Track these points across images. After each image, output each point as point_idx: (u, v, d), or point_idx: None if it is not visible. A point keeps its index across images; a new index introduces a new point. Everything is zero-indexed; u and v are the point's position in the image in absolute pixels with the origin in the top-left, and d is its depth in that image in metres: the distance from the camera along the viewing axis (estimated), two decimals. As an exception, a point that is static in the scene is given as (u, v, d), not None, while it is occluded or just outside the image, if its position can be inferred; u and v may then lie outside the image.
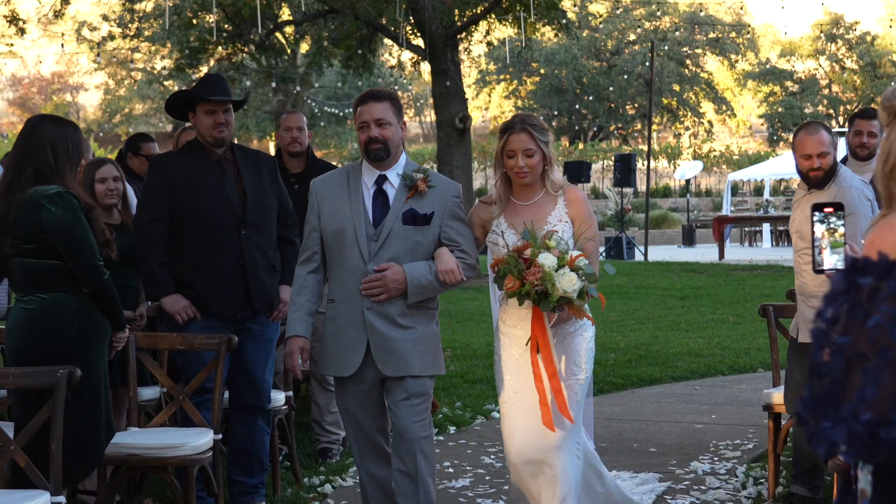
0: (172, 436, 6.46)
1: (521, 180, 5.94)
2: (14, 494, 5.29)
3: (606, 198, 43.11)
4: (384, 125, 5.90)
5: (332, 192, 6.01)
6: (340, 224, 5.91)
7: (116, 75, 60.99)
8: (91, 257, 5.61)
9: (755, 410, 9.76)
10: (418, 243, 5.91)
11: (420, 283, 5.83)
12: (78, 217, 5.59)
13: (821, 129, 6.85)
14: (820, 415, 2.10)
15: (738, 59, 62.85)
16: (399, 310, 5.86)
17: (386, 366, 5.86)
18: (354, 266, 5.86)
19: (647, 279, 22.38)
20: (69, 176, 5.70)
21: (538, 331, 5.75)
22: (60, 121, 5.89)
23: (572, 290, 5.51)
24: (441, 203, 5.97)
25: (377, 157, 5.91)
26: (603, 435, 9.32)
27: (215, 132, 7.02)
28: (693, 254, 30.82)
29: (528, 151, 5.90)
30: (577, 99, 59.30)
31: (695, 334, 15.20)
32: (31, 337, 5.66)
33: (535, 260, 5.54)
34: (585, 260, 5.66)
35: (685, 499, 7.46)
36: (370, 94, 5.99)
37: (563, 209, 5.96)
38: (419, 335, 5.90)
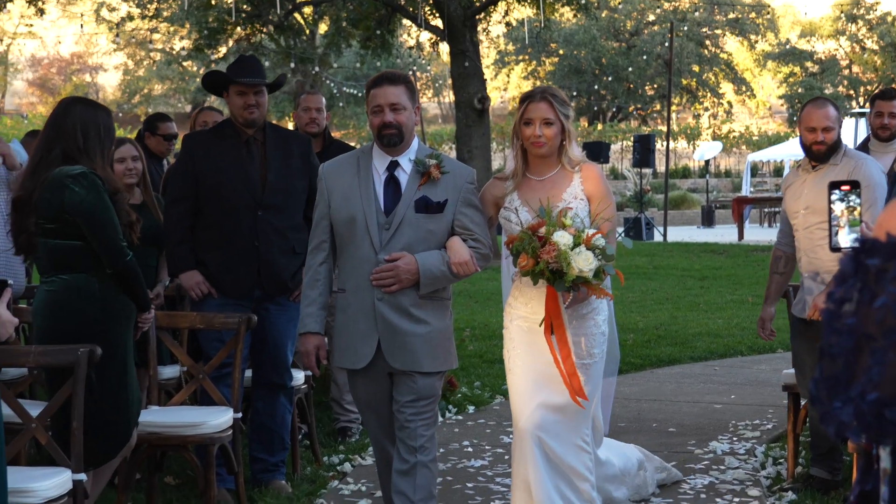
0: (192, 414, 6.49)
1: (537, 150, 5.73)
2: (35, 471, 5.33)
3: (625, 178, 43.04)
4: (399, 110, 5.69)
5: (342, 178, 5.78)
6: (351, 212, 5.70)
7: (135, 56, 61.13)
8: (114, 238, 5.62)
9: (774, 391, 9.76)
10: (431, 232, 5.69)
11: (432, 274, 5.62)
12: (101, 198, 5.60)
13: (828, 105, 6.89)
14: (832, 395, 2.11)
15: (757, 39, 62.59)
16: (412, 300, 5.66)
17: (394, 359, 5.68)
18: (365, 256, 5.66)
19: (666, 260, 22.35)
20: (98, 158, 5.69)
21: (553, 311, 5.60)
22: (92, 104, 5.90)
23: (588, 269, 5.33)
24: (455, 190, 5.74)
25: (391, 142, 5.70)
26: (622, 415, 9.33)
27: (245, 113, 7.11)
28: (712, 234, 30.76)
29: (546, 120, 5.69)
30: (596, 80, 59.14)
31: (714, 315, 15.18)
32: (53, 318, 5.68)
33: (549, 238, 5.37)
34: (602, 238, 5.46)
35: (704, 478, 7.46)
36: (385, 77, 5.78)
37: (580, 186, 5.77)
38: (432, 330, 5.71)
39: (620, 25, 60.39)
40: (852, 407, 2.07)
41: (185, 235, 7.08)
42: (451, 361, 5.82)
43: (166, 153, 9.63)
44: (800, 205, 6.89)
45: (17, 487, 4.97)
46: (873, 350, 2.05)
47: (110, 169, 5.80)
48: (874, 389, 2.04)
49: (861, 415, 2.06)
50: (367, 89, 5.80)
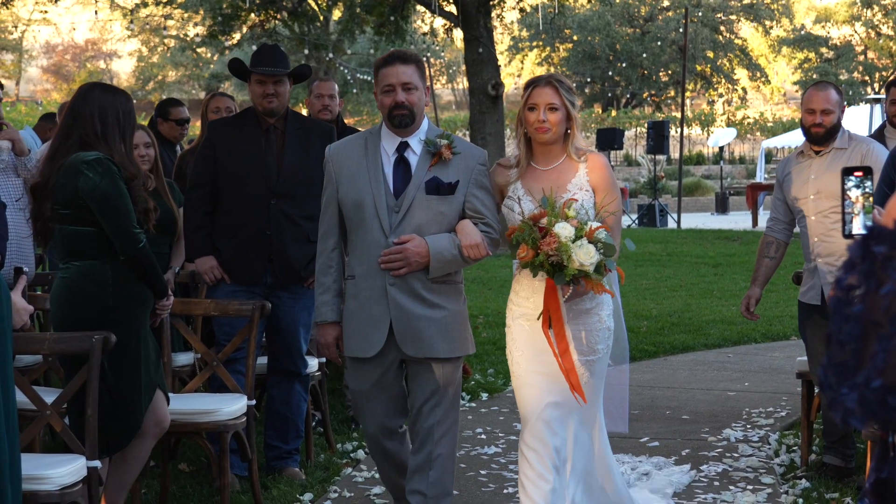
0: (206, 401, 6.51)
1: (541, 136, 5.52)
2: (50, 458, 5.35)
3: (639, 165, 43.00)
4: (411, 89, 5.57)
5: (349, 160, 5.66)
6: (359, 195, 5.57)
7: (149, 42, 61.18)
8: (127, 225, 5.62)
9: (788, 378, 9.76)
10: (442, 214, 5.56)
11: (443, 257, 5.50)
12: (115, 184, 5.60)
13: (829, 88, 7.00)
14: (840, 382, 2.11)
15: (772, 25, 62.34)
16: (424, 284, 5.54)
17: (408, 345, 5.55)
18: (375, 240, 5.54)
19: (679, 247, 22.32)
20: (116, 144, 5.69)
21: (551, 305, 5.40)
22: (111, 89, 5.89)
23: (589, 263, 5.16)
24: (466, 171, 5.61)
25: (402, 123, 5.57)
26: (635, 402, 9.33)
27: (264, 102, 7.18)
28: (726, 221, 30.71)
29: (551, 105, 5.50)
30: (610, 66, 59.00)
31: (728, 302, 15.16)
32: (67, 305, 5.70)
33: (551, 229, 5.20)
34: (605, 232, 5.28)
35: (717, 466, 7.46)
36: (396, 56, 5.64)
37: (585, 177, 5.57)
38: (447, 314, 5.59)
39: (635, 11, 60.22)
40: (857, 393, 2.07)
41: (202, 221, 7.14)
42: (467, 346, 5.69)
43: (179, 138, 9.64)
44: (809, 189, 6.90)
45: (32, 474, 4.99)
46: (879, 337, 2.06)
47: (130, 154, 5.78)
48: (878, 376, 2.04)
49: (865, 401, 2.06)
50: (377, 68, 5.67)
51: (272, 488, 6.97)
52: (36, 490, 5.01)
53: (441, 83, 67.08)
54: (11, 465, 4.58)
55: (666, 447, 7.92)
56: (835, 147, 6.90)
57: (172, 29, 46.97)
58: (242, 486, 6.95)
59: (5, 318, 4.52)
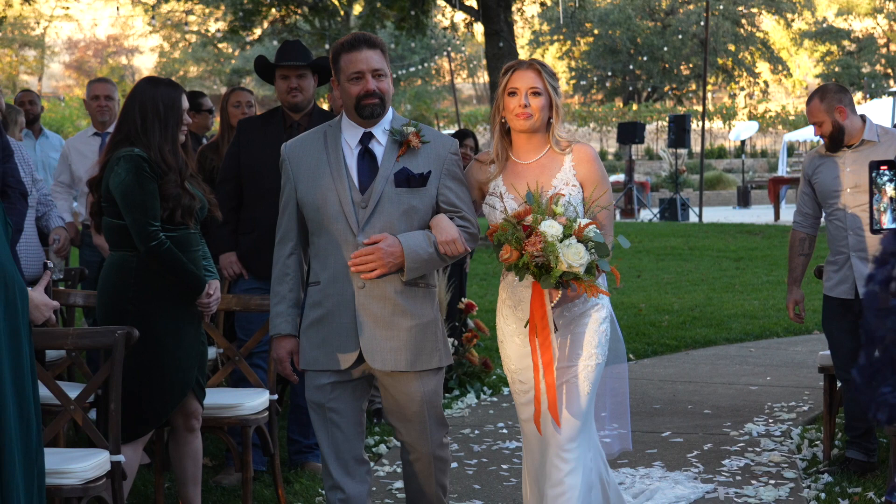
0: (228, 396, 6.52)
1: (522, 123, 5.11)
2: (74, 453, 5.37)
3: (661, 159, 42.90)
4: (381, 76, 5.09)
5: (308, 156, 5.17)
6: (321, 193, 5.08)
7: (171, 38, 61.32)
8: (141, 221, 5.64)
9: (810, 372, 9.74)
10: (414, 208, 5.07)
11: (419, 256, 4.99)
12: (139, 180, 5.64)
13: (814, 98, 7.00)
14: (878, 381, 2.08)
15: (794, 17, 62.12)
16: (397, 288, 5.03)
17: (374, 358, 5.05)
18: (341, 240, 5.05)
19: (701, 240, 22.27)
20: (155, 138, 5.72)
21: (536, 311, 4.98)
22: (155, 81, 5.93)
23: (579, 264, 4.76)
24: (437, 160, 5.13)
25: (374, 113, 5.08)
26: (657, 396, 9.33)
27: (288, 97, 7.23)
28: (748, 215, 30.59)
29: (533, 89, 5.11)
30: (631, 59, 58.88)
31: (750, 296, 15.14)
32: (99, 294, 5.85)
33: (536, 227, 4.80)
34: (596, 229, 4.89)
35: (739, 460, 7.44)
36: (363, 40, 5.11)
37: (571, 170, 5.15)
38: (418, 323, 5.08)
39: (655, 4, 60.08)
40: None
41: (227, 217, 7.18)
42: (439, 357, 5.16)
43: (204, 130, 9.67)
44: (845, 182, 6.88)
45: (56, 469, 5.02)
46: None
47: (172, 146, 5.78)
48: None
49: None
50: (337, 53, 5.14)
51: (294, 482, 6.99)
52: (60, 484, 5.03)
53: (462, 78, 67.04)
54: (36, 460, 4.60)
55: (688, 441, 7.91)
56: (865, 139, 6.89)
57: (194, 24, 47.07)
58: (265, 480, 6.98)
59: (20, 314, 4.54)
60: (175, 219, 5.72)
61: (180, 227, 5.76)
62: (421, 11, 26.22)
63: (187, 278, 5.76)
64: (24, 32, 60.93)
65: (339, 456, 5.16)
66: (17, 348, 4.52)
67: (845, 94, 6.94)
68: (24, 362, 4.53)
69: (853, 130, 6.89)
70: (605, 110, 53.90)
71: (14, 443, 4.46)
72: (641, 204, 32.21)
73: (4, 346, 4.46)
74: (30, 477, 4.55)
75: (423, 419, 5.16)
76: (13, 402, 4.46)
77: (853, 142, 6.90)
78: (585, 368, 5.16)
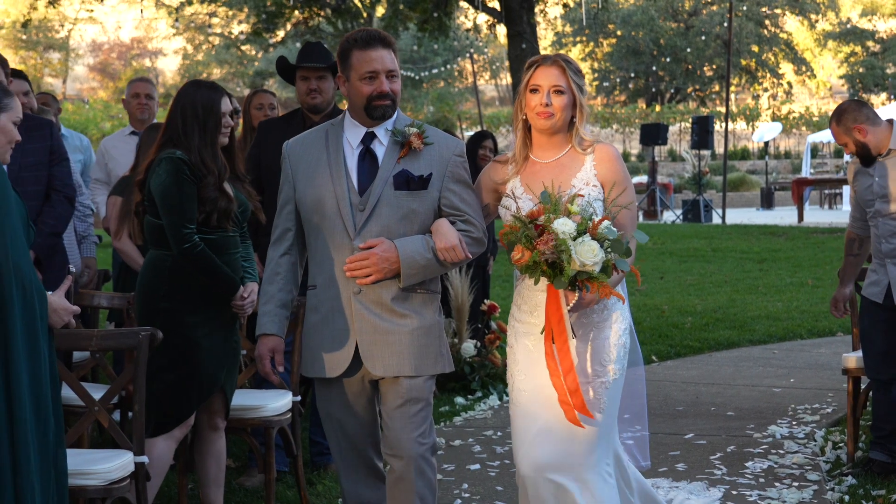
0: (252, 397, 6.54)
1: (543, 122, 4.88)
2: (98, 454, 5.40)
3: (684, 160, 42.79)
4: (395, 78, 4.94)
5: (308, 155, 5.03)
6: (318, 193, 4.93)
7: (194, 40, 61.53)
8: (176, 224, 5.69)
9: (834, 374, 9.71)
10: (414, 212, 4.90)
11: (415, 262, 4.84)
12: (177, 182, 5.69)
13: (832, 122, 7.08)
14: None
15: (818, 18, 61.94)
16: (393, 294, 4.88)
17: (375, 364, 4.91)
18: (338, 243, 4.90)
19: (724, 242, 22.22)
20: (195, 141, 5.76)
21: (553, 315, 4.74)
22: (197, 84, 5.98)
23: (592, 262, 4.51)
24: (440, 163, 4.95)
25: (385, 115, 4.94)
26: (680, 398, 9.32)
27: (308, 98, 7.26)
28: (772, 216, 30.51)
29: (556, 88, 4.87)
30: (654, 60, 58.79)
31: (773, 297, 15.10)
32: (136, 291, 5.98)
33: (549, 226, 4.57)
34: (611, 225, 4.63)
35: (763, 462, 7.43)
36: (377, 38, 4.93)
37: (592, 170, 4.92)
38: (417, 326, 4.92)
39: (679, 5, 59.98)
40: None
41: None
42: (442, 363, 5.01)
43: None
44: (875, 192, 6.93)
45: (80, 469, 5.04)
46: None
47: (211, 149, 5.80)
48: None
49: None
50: (348, 50, 4.95)
51: (317, 484, 7.01)
52: (84, 485, 5.05)
53: (484, 79, 67.03)
54: (55, 462, 4.63)
55: (711, 444, 7.89)
56: (892, 148, 6.91)
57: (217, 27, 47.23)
58: (288, 482, 6.99)
59: (38, 317, 4.58)
60: (211, 222, 5.76)
61: (217, 230, 5.80)
62: (444, 13, 26.23)
63: (220, 281, 5.78)
64: (48, 35, 61.24)
65: (349, 465, 5.08)
66: (35, 350, 4.56)
67: (860, 111, 6.97)
68: (41, 364, 4.56)
69: (879, 143, 6.92)
70: (628, 112, 53.82)
71: (31, 444, 4.49)
72: (664, 205, 32.14)
73: (21, 348, 4.50)
74: (46, 477, 4.58)
75: (406, 413, 4.93)
76: (30, 403, 4.50)
77: (882, 152, 6.92)
78: (603, 385, 4.91)
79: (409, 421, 4.92)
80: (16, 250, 4.55)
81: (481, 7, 24.36)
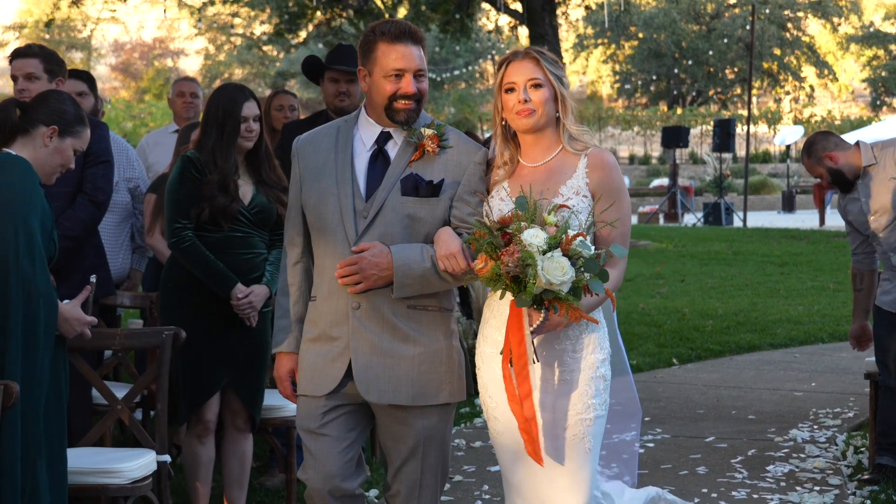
0: (273, 398, 6.54)
1: (525, 121, 4.38)
2: (121, 452, 5.42)
3: (705, 163, 42.71)
4: (422, 78, 4.46)
5: (316, 154, 4.55)
6: (322, 197, 4.46)
7: (216, 40, 61.65)
8: (170, 219, 5.84)
9: (856, 378, 9.68)
10: (420, 220, 4.39)
11: (410, 271, 4.30)
12: (178, 179, 5.81)
13: (803, 157, 7.25)
14: None
15: (840, 21, 61.75)
16: (396, 309, 4.37)
17: (368, 388, 4.36)
18: (339, 252, 4.39)
19: (745, 245, 22.18)
20: (212, 140, 5.84)
21: (513, 335, 4.17)
22: (225, 86, 6.07)
23: (560, 281, 3.97)
24: (456, 170, 4.44)
25: (409, 119, 4.44)
26: (701, 401, 9.31)
27: (336, 101, 7.24)
28: (793, 220, 30.46)
29: (533, 81, 4.39)
30: (676, 63, 58.72)
31: (794, 301, 15.07)
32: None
33: (517, 236, 4.05)
34: (585, 241, 4.06)
35: (784, 466, 7.41)
36: (408, 33, 4.43)
37: (584, 178, 4.36)
38: (421, 352, 4.39)
39: (701, 8, 59.88)
40: None
41: None
42: (447, 392, 4.45)
43: None
44: (866, 211, 7.03)
45: (103, 468, 5.08)
46: None
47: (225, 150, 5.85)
48: None
49: None
50: (374, 41, 4.45)
51: (338, 484, 7.01)
52: (106, 483, 5.08)
53: (505, 81, 66.97)
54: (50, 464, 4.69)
55: (732, 447, 7.88)
56: (865, 167, 7.02)
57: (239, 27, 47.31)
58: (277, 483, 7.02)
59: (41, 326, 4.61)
60: (202, 218, 5.82)
61: (221, 229, 5.83)
62: (466, 15, 26.23)
63: (211, 277, 5.83)
64: (71, 35, 61.45)
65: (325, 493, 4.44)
66: (32, 360, 4.57)
67: (828, 139, 7.14)
68: (37, 374, 4.56)
69: (851, 167, 7.05)
70: (650, 114, 53.77)
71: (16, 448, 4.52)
72: (685, 208, 32.10)
73: (18, 355, 4.53)
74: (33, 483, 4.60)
75: (417, 462, 4.45)
76: (20, 410, 4.53)
77: (858, 174, 7.04)
78: (582, 423, 4.32)
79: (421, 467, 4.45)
80: (27, 257, 4.60)
81: (503, 9, 24.35)
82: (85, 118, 5.07)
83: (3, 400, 4.30)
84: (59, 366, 4.78)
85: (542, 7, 23.15)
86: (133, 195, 7.90)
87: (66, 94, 5.18)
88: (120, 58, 68.37)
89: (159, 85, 60.65)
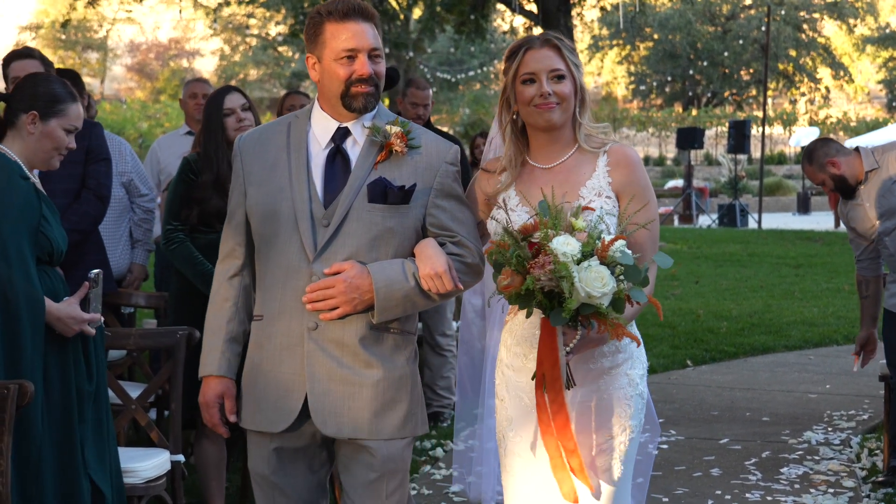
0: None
1: (547, 116, 3.96)
2: (135, 452, 5.44)
3: (720, 164, 42.67)
4: (378, 58, 3.96)
5: (264, 153, 4.03)
6: (272, 202, 3.94)
7: (232, 41, 61.69)
8: (164, 219, 6.07)
9: (871, 381, 9.65)
10: (390, 231, 3.91)
11: (392, 294, 3.85)
12: (178, 181, 6.03)
13: (804, 165, 7.23)
14: None
15: (856, 23, 61.55)
16: (359, 332, 3.89)
17: (326, 420, 3.90)
18: (293, 266, 3.90)
19: (760, 247, 22.15)
20: (205, 139, 6.04)
21: (546, 358, 3.74)
22: (219, 89, 6.28)
23: (601, 293, 3.54)
24: (427, 172, 3.97)
25: (368, 105, 3.95)
26: (715, 404, 9.30)
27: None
28: (808, 222, 30.39)
29: (555, 72, 3.96)
30: (691, 64, 58.60)
31: (809, 303, 15.04)
32: None
33: (546, 245, 3.61)
34: (625, 247, 3.64)
35: (798, 468, 7.40)
36: (356, 9, 3.92)
37: (606, 177, 3.97)
38: (383, 377, 3.92)
39: (716, 9, 59.75)
40: None
41: None
42: (412, 424, 4.01)
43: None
44: (872, 216, 7.10)
45: (118, 467, 5.09)
46: None
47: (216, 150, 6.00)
48: None
49: None
50: (320, 22, 3.95)
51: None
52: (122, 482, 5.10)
53: (520, 82, 66.94)
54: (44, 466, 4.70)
55: (746, 449, 7.87)
56: (867, 171, 7.02)
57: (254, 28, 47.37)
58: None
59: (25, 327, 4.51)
60: (191, 220, 5.98)
61: (215, 231, 5.83)
62: (480, 16, 26.22)
63: (198, 278, 5.93)
64: (87, 35, 61.57)
65: None
66: (15, 361, 4.50)
67: (829, 146, 7.12)
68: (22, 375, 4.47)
69: (853, 172, 7.03)
70: (665, 115, 53.67)
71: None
72: (700, 209, 32.05)
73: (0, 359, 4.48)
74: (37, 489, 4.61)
75: (379, 491, 4.00)
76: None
77: (860, 179, 7.02)
78: (618, 447, 3.95)
79: (378, 497, 3.99)
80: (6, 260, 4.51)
81: (518, 9, 24.35)
82: (64, 94, 4.77)
83: (17, 399, 4.29)
84: (67, 366, 4.69)
85: (557, 8, 23.14)
86: (127, 189, 7.87)
87: (41, 76, 4.98)
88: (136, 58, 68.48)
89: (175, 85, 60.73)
